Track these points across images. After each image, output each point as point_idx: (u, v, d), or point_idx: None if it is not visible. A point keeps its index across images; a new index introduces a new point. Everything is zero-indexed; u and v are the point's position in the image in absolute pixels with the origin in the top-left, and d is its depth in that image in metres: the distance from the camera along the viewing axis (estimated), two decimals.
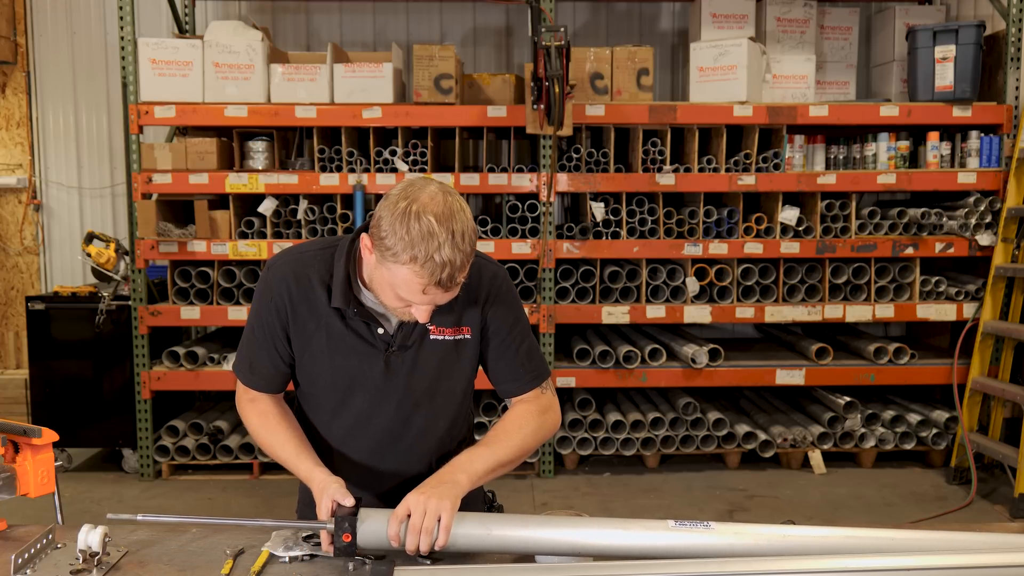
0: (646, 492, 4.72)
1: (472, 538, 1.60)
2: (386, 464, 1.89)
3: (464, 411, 1.95)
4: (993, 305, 4.82)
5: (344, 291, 1.75)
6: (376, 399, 1.83)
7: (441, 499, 1.56)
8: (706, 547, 1.57)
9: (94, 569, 1.61)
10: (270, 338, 1.83)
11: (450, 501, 1.57)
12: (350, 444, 1.88)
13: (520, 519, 1.63)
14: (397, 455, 1.88)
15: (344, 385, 1.83)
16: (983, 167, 4.88)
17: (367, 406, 1.84)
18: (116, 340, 4.90)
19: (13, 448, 1.80)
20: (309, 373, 1.86)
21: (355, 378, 1.82)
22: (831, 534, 1.59)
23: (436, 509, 1.55)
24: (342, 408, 1.86)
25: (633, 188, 4.82)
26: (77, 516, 1.53)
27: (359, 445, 1.88)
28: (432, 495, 1.57)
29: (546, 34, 4.26)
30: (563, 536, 1.59)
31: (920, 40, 4.88)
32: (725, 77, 4.85)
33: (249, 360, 1.87)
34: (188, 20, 5.59)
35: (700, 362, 4.83)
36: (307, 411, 1.92)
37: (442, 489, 1.59)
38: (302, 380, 1.89)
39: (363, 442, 1.87)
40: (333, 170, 4.83)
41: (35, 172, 5.87)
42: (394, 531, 1.56)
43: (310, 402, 1.91)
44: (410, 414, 1.85)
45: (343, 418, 1.87)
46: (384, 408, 1.84)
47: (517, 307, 1.87)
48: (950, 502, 4.53)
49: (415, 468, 1.89)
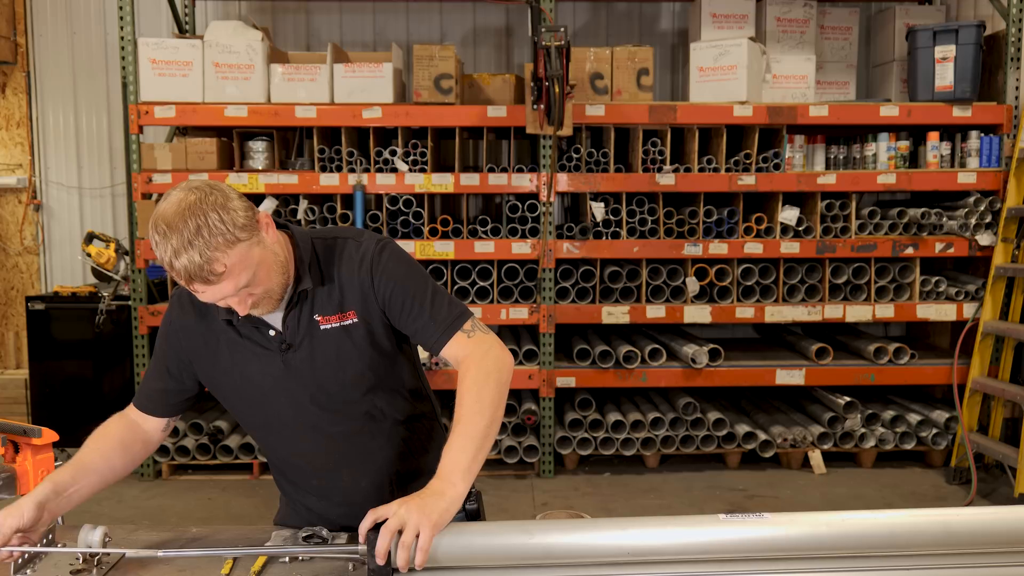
0: (646, 492, 4.71)
1: (513, 546, 1.51)
2: (348, 467, 1.86)
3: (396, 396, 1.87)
4: (993, 305, 4.81)
5: None
6: (290, 401, 1.80)
7: (422, 514, 1.47)
8: (761, 540, 1.48)
9: (94, 569, 1.61)
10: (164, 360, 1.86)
11: (431, 518, 1.47)
12: (300, 456, 1.88)
13: (560, 525, 1.56)
14: (350, 456, 1.86)
15: (256, 395, 1.82)
16: (983, 167, 4.88)
17: (286, 411, 1.82)
18: (116, 340, 4.90)
19: (13, 448, 1.81)
20: (224, 392, 1.86)
21: (262, 385, 1.80)
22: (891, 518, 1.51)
23: (416, 525, 1.47)
24: (266, 420, 1.86)
25: (633, 188, 4.82)
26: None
27: (307, 454, 1.87)
28: (414, 508, 1.48)
29: (546, 34, 4.25)
30: (614, 540, 1.50)
31: (920, 40, 4.88)
32: (725, 77, 4.85)
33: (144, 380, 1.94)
34: (188, 20, 5.59)
35: (700, 362, 4.82)
36: (255, 441, 1.92)
37: (427, 503, 1.50)
38: (225, 403, 1.90)
39: (308, 448, 1.86)
40: (333, 170, 4.83)
41: (35, 172, 5.87)
42: (384, 545, 1.46)
43: (246, 426, 1.93)
44: (332, 408, 1.81)
45: (274, 430, 1.86)
46: (303, 408, 1.81)
47: (402, 268, 1.78)
48: (950, 502, 4.52)
49: (378, 467, 1.87)
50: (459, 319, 1.77)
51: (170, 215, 1.53)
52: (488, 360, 1.72)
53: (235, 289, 1.59)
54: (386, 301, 1.77)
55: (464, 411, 1.66)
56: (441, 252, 4.76)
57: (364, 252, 1.77)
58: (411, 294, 1.76)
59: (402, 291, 1.76)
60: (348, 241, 1.79)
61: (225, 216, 1.55)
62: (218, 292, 1.58)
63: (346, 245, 1.79)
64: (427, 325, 1.76)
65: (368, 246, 1.78)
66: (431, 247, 4.75)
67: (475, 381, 1.69)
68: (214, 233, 1.52)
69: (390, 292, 1.76)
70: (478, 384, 1.68)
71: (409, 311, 1.76)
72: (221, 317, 1.75)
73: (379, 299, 1.77)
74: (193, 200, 1.54)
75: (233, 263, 1.56)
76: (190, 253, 1.51)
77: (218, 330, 1.79)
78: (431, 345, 1.77)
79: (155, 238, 1.55)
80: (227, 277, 1.56)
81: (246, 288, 1.61)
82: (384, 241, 1.80)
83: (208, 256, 1.52)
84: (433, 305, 1.77)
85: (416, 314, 1.76)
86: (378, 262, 1.76)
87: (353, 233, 1.82)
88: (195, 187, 1.57)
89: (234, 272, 1.56)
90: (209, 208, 1.54)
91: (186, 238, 1.51)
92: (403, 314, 1.77)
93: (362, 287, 1.76)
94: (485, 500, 1.88)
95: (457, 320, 1.76)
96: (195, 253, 1.51)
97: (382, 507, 1.52)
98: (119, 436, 1.86)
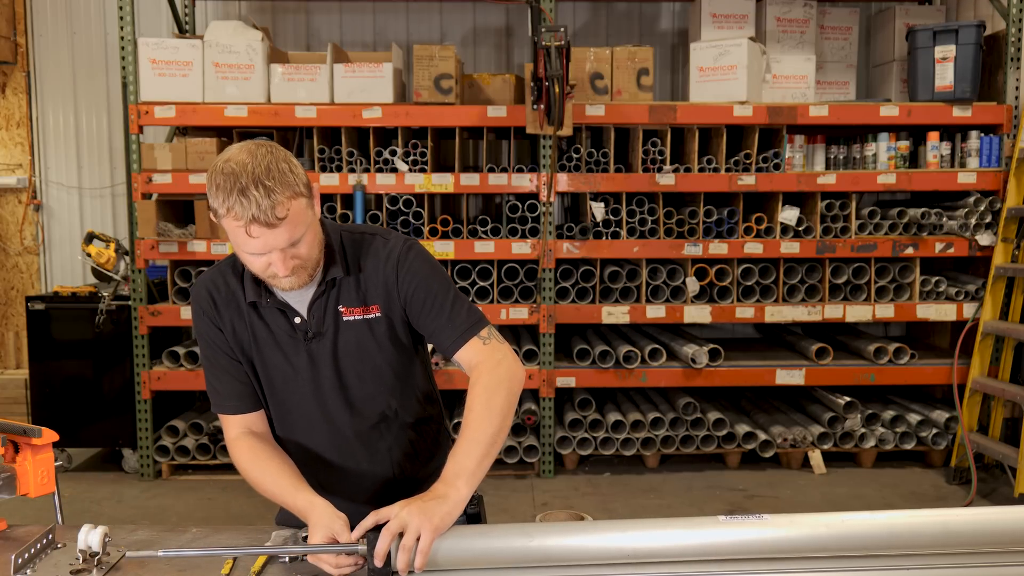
0: (646, 492, 4.72)
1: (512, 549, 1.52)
2: (355, 464, 1.88)
3: (410, 398, 1.90)
4: (993, 305, 4.81)
5: (254, 283, 1.77)
6: (311, 391, 1.82)
7: (424, 516, 1.49)
8: (761, 541, 1.48)
9: (94, 569, 1.60)
10: (220, 351, 1.83)
11: (433, 521, 1.49)
12: (310, 448, 1.88)
13: (559, 527, 1.56)
14: (358, 454, 1.88)
15: (278, 381, 1.83)
16: (983, 167, 4.88)
17: (306, 400, 1.83)
18: (116, 340, 4.90)
19: (13, 448, 1.80)
20: None
21: (286, 373, 1.82)
22: (890, 518, 1.51)
23: (417, 528, 1.48)
24: (286, 410, 1.86)
25: (633, 188, 4.82)
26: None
27: (318, 446, 1.88)
28: (416, 511, 1.49)
29: (546, 34, 4.25)
30: (613, 542, 1.50)
31: (920, 40, 4.88)
32: (725, 77, 4.85)
33: (213, 387, 1.86)
34: (188, 20, 5.59)
35: (700, 362, 4.82)
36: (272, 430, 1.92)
37: (429, 506, 1.51)
38: None
39: (319, 440, 1.87)
40: (333, 170, 4.83)
41: (35, 172, 5.87)
42: (384, 546, 1.47)
43: None
44: (348, 401, 1.84)
45: (289, 417, 1.87)
46: (322, 399, 1.83)
47: (427, 268, 1.82)
48: (950, 502, 4.52)
49: (384, 467, 1.89)
50: (477, 325, 1.80)
51: (241, 157, 1.57)
52: (501, 369, 1.74)
53: (288, 241, 1.61)
54: (408, 298, 1.80)
55: (473, 416, 1.67)
56: (441, 252, 4.76)
57: (391, 249, 1.81)
58: (433, 294, 1.80)
59: (425, 290, 1.79)
60: (376, 237, 1.84)
61: (294, 168, 1.61)
62: (271, 239, 1.59)
63: (374, 240, 1.83)
64: (445, 326, 1.79)
65: (396, 244, 1.82)
66: (431, 247, 4.75)
67: (486, 388, 1.70)
68: (283, 179, 1.57)
69: (413, 290, 1.79)
70: (488, 391, 1.70)
71: (429, 310, 1.80)
72: (248, 299, 1.77)
73: (401, 296, 1.80)
74: (264, 150, 1.59)
75: (293, 214, 1.59)
76: (259, 192, 1.54)
77: (244, 314, 1.80)
78: (446, 347, 1.80)
79: (218, 180, 1.56)
80: (285, 225, 1.58)
81: (293, 248, 1.63)
82: (411, 241, 1.85)
83: (275, 199, 1.55)
84: (453, 308, 1.80)
85: (436, 314, 1.79)
86: (404, 259, 1.80)
87: (381, 231, 1.87)
88: (261, 142, 1.63)
89: (291, 223, 1.59)
90: (280, 158, 1.59)
91: (257, 176, 1.54)
92: (423, 313, 1.80)
93: (387, 282, 1.80)
94: (485, 500, 1.87)
95: (475, 326, 1.80)
96: (264, 193, 1.54)
97: (384, 508, 1.53)
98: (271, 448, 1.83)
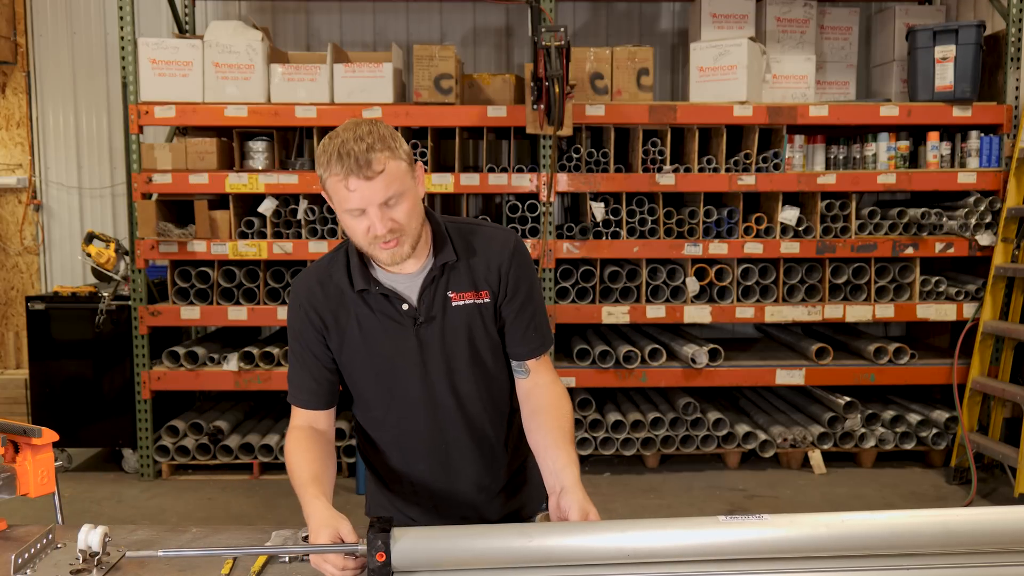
0: (646, 492, 4.72)
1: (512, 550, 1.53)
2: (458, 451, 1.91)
3: (504, 383, 1.95)
4: (993, 305, 4.81)
5: (362, 271, 1.81)
6: (419, 377, 1.85)
7: (591, 505, 1.67)
8: (761, 541, 1.48)
9: (94, 569, 1.61)
10: (307, 347, 1.86)
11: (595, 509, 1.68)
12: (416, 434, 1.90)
13: (559, 527, 1.57)
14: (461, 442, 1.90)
15: (386, 368, 1.85)
16: (983, 167, 4.88)
17: (415, 385, 1.85)
18: (116, 340, 4.90)
19: (13, 448, 1.80)
20: (351, 368, 1.88)
21: (394, 360, 1.84)
22: (890, 518, 1.50)
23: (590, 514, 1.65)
24: (392, 396, 1.88)
25: (633, 188, 4.82)
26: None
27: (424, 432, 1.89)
28: (591, 507, 1.66)
29: (546, 34, 4.25)
30: (613, 542, 1.50)
31: (920, 40, 4.88)
32: (725, 77, 4.85)
33: (291, 378, 1.91)
34: (188, 20, 5.59)
35: (700, 362, 4.82)
36: (364, 424, 1.96)
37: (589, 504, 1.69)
38: (348, 381, 1.91)
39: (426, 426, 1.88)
40: None
41: (35, 172, 5.88)
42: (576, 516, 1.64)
43: (361, 406, 1.94)
44: (455, 386, 1.86)
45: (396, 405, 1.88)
46: (429, 386, 1.85)
47: (533, 273, 1.92)
48: (950, 502, 4.52)
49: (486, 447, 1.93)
50: (549, 342, 1.93)
51: (345, 126, 1.69)
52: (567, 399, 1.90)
53: (384, 195, 1.66)
54: (510, 290, 1.86)
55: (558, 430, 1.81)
56: None
57: (506, 239, 1.89)
58: (531, 296, 1.89)
59: (527, 290, 1.88)
60: (484, 227, 1.91)
61: (396, 136, 1.71)
62: (368, 192, 1.64)
63: (483, 229, 1.90)
64: (530, 334, 1.89)
65: (509, 234, 1.91)
66: None
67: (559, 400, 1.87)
68: (383, 140, 1.67)
69: (517, 283, 1.86)
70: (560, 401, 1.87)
71: (520, 308, 1.87)
72: (357, 288, 1.81)
73: (508, 285, 1.86)
74: (368, 121, 1.71)
75: (390, 171, 1.65)
76: (359, 144, 1.64)
77: (350, 305, 1.83)
78: (518, 347, 1.89)
79: (324, 145, 1.67)
80: (382, 178, 1.64)
81: (390, 209, 1.68)
82: (519, 237, 1.93)
83: (373, 155, 1.64)
84: (537, 316, 1.91)
85: (526, 315, 1.88)
86: (519, 253, 1.88)
87: (487, 223, 1.94)
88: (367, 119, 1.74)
89: (387, 178, 1.65)
90: (383, 125, 1.71)
91: (359, 133, 1.65)
92: (516, 311, 1.87)
93: (500, 269, 1.86)
94: None
95: (548, 342, 1.93)
96: (363, 144, 1.64)
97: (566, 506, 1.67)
98: (319, 445, 1.85)
